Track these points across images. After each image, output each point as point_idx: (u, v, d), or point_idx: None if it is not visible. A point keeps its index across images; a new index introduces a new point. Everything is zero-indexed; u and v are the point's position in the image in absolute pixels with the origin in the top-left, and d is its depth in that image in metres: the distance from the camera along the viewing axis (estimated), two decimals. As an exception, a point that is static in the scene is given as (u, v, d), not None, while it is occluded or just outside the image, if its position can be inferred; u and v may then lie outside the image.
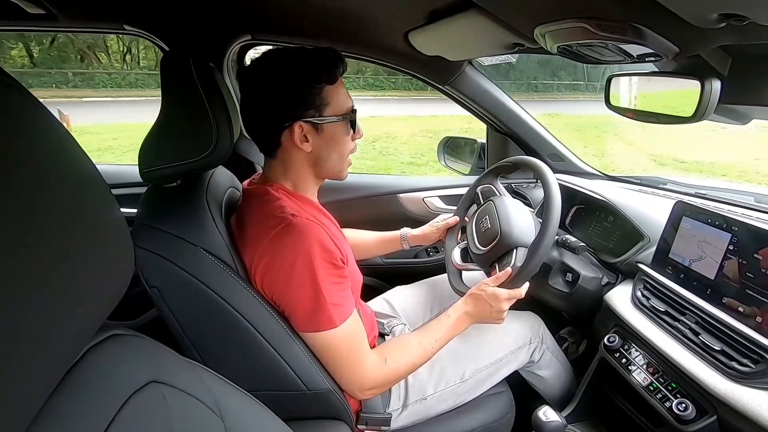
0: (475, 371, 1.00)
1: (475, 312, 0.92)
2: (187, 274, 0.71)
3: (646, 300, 0.95)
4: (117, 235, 0.35)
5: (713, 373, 0.76)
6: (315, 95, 0.78)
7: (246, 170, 1.31)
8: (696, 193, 1.15)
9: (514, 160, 1.15)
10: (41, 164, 0.28)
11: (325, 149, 0.83)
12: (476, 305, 0.92)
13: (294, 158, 0.83)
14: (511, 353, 1.05)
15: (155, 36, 1.21)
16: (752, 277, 0.77)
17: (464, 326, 0.92)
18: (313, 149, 0.81)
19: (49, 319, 0.28)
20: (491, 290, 0.90)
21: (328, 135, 0.82)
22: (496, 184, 1.18)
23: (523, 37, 0.86)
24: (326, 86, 0.79)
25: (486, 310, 0.91)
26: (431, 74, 1.37)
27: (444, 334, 0.89)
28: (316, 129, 0.80)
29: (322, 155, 0.83)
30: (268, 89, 0.78)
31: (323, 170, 0.86)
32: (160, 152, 0.78)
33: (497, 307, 0.90)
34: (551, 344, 1.14)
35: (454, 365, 0.99)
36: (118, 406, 0.35)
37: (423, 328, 0.91)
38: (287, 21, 1.21)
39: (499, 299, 0.90)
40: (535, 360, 1.10)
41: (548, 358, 1.12)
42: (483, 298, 0.91)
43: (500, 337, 1.05)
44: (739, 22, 0.49)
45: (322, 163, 0.84)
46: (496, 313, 0.91)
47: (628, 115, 0.89)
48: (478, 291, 0.92)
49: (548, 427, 0.77)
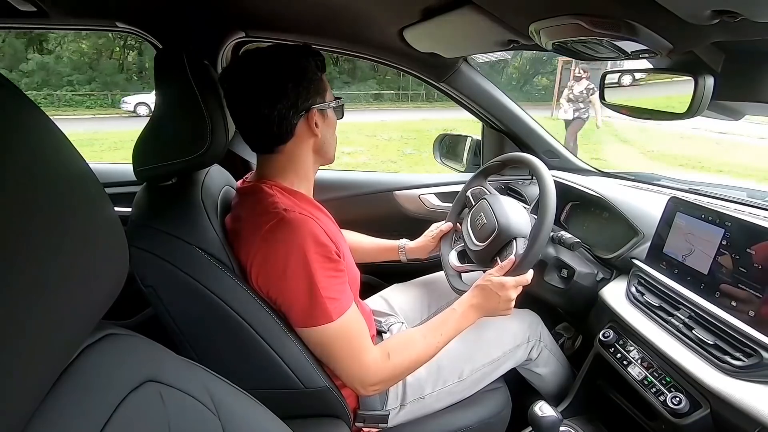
0: (472, 370, 1.00)
1: (482, 303, 0.90)
2: (183, 273, 0.71)
3: (641, 295, 0.96)
4: (111, 235, 0.35)
5: (707, 367, 0.77)
6: (319, 82, 0.82)
7: (241, 168, 1.30)
8: (690, 189, 1.16)
9: (506, 157, 1.15)
10: (34, 163, 0.28)
11: (327, 133, 0.87)
12: (484, 296, 0.90)
13: (303, 147, 0.85)
14: (509, 351, 1.05)
15: (148, 33, 1.20)
16: (745, 271, 0.78)
17: (472, 320, 0.91)
18: (320, 135, 0.85)
19: (44, 319, 0.28)
20: (497, 279, 0.90)
21: (330, 119, 0.87)
22: (485, 184, 1.19)
23: (517, 34, 0.86)
24: (323, 74, 0.84)
25: (494, 301, 0.90)
26: (426, 71, 1.37)
27: (450, 328, 0.88)
28: (323, 115, 0.85)
29: (326, 140, 0.88)
30: (286, 79, 0.78)
31: (323, 156, 0.90)
32: (155, 151, 0.77)
33: (505, 295, 0.89)
34: (549, 342, 1.14)
35: (452, 365, 0.98)
36: (115, 406, 0.35)
37: (428, 324, 0.90)
38: (282, 18, 1.20)
39: (506, 287, 0.89)
40: (532, 358, 1.10)
41: (546, 356, 1.12)
42: (489, 288, 0.90)
43: (498, 336, 1.05)
44: (731, 18, 0.49)
45: (326, 148, 0.89)
46: (504, 303, 0.90)
47: (623, 111, 0.90)
48: (483, 282, 0.91)
49: (544, 422, 0.77)
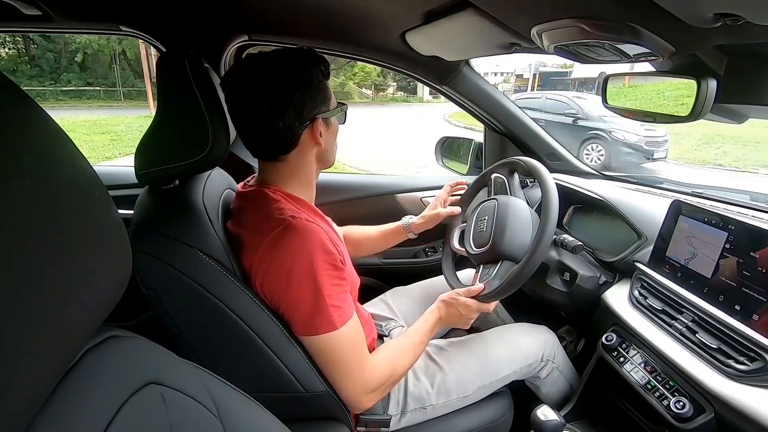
0: (479, 387, 0.99)
1: (446, 317, 0.96)
2: (185, 277, 0.71)
3: (644, 299, 0.96)
4: (115, 237, 0.35)
5: (710, 371, 0.77)
6: (324, 90, 0.81)
7: (244, 172, 1.31)
8: (693, 192, 1.15)
9: (513, 161, 1.14)
10: (37, 165, 0.28)
11: (330, 142, 0.87)
12: (447, 312, 0.96)
13: (306, 155, 0.84)
14: (519, 369, 1.03)
15: (152, 37, 1.20)
16: (749, 275, 0.78)
17: (437, 330, 0.96)
18: (324, 143, 0.84)
19: (47, 321, 0.28)
20: (463, 300, 0.95)
21: (333, 127, 0.87)
22: (512, 180, 1.14)
23: (519, 37, 0.87)
24: (327, 81, 0.82)
25: (455, 316, 0.96)
26: (429, 74, 1.38)
27: (425, 338, 0.93)
28: (327, 123, 0.84)
29: (328, 148, 0.87)
30: (289, 90, 0.76)
31: (326, 162, 0.89)
32: (156, 154, 0.78)
33: (467, 315, 0.95)
34: (562, 362, 1.10)
35: (459, 381, 0.97)
36: (117, 408, 0.35)
37: (409, 332, 0.93)
38: (284, 22, 1.21)
39: (470, 309, 0.95)
40: (541, 376, 1.07)
41: (555, 377, 1.09)
42: (454, 306, 0.96)
43: (511, 355, 1.03)
44: (734, 21, 0.49)
45: (328, 155, 0.88)
46: (465, 320, 0.96)
47: (626, 114, 0.89)
48: (450, 299, 0.97)
49: (547, 426, 0.77)
